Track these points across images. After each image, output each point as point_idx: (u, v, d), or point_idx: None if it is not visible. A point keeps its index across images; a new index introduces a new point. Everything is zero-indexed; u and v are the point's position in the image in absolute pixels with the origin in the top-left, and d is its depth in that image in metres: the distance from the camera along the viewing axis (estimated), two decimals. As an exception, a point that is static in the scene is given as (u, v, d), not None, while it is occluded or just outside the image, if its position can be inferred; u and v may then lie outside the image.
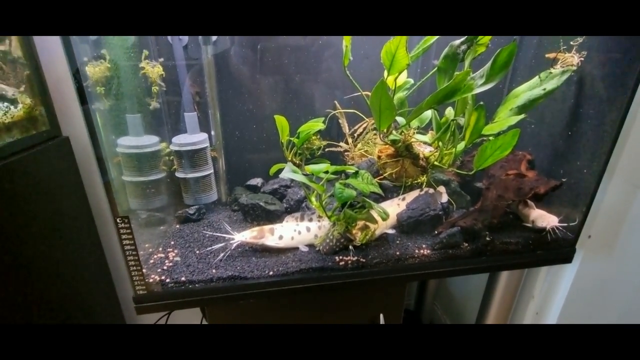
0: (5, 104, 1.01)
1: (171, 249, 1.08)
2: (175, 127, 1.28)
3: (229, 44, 1.26)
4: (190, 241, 1.12)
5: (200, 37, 1.18)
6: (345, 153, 1.39)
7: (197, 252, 1.06)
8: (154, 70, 1.09)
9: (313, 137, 1.31)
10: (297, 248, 1.09)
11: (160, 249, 1.09)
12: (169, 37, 1.18)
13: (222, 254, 1.03)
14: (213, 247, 1.06)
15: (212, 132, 1.32)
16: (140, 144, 1.15)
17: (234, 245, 1.04)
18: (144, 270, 0.91)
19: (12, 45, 1.07)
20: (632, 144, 1.08)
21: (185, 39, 1.21)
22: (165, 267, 1.00)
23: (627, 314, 1.40)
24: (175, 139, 1.23)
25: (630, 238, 1.23)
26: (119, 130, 1.15)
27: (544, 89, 1.05)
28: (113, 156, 1.14)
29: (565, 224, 1.11)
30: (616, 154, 1.07)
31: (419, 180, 1.25)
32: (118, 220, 0.83)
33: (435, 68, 1.04)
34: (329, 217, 1.07)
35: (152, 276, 0.96)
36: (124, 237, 0.85)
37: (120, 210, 0.98)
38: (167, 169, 1.26)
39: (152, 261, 1.03)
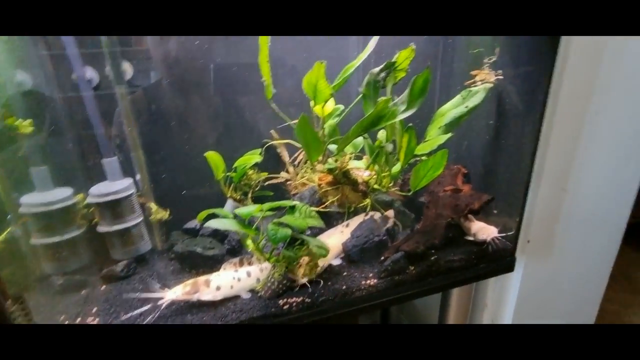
0: None
1: (92, 317, 0.96)
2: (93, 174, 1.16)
3: (147, 80, 1.17)
4: (116, 305, 1.00)
5: (111, 77, 1.09)
6: (288, 182, 1.34)
7: (124, 317, 0.95)
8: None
9: (249, 171, 1.24)
10: (239, 296, 1.01)
11: (79, 319, 0.95)
12: (75, 77, 1.07)
13: (150, 316, 0.92)
14: (141, 309, 0.95)
15: (138, 176, 1.21)
16: (48, 200, 1.02)
17: (165, 304, 0.94)
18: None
19: None
20: (553, 151, 1.13)
21: (95, 79, 1.11)
22: (83, 343, 0.87)
23: (575, 312, 1.46)
24: (93, 189, 1.11)
25: (565, 237, 1.29)
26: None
27: (467, 107, 1.07)
28: (17, 217, 1.00)
29: (504, 234, 1.14)
30: (540, 162, 1.11)
31: (363, 204, 1.23)
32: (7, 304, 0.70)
33: (360, 95, 1.03)
34: (268, 260, 1.00)
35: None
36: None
37: (29, 279, 0.85)
38: (87, 223, 1.13)
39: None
